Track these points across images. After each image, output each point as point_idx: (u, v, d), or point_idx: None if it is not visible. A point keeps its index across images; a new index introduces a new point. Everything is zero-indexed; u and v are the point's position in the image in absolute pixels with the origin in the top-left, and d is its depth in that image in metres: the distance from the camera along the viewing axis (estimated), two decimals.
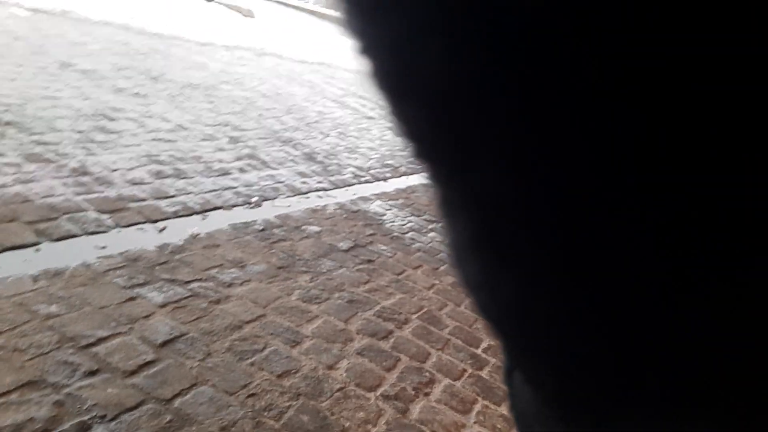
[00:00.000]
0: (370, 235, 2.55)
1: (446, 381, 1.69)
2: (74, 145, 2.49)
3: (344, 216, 2.70)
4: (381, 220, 2.76)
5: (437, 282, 2.29)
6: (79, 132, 2.65)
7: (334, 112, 5.05)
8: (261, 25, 9.75)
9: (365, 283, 2.08)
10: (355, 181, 3.29)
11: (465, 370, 1.77)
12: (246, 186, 2.70)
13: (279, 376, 1.45)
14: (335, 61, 8.40)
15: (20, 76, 3.16)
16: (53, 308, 1.43)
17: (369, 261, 2.27)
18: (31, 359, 1.25)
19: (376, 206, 2.93)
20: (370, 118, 5.33)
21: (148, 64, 4.59)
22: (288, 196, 2.76)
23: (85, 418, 1.14)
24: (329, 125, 4.52)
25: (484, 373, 1.79)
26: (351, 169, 3.49)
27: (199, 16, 8.33)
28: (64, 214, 1.91)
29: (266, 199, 2.63)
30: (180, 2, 8.88)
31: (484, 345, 1.93)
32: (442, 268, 2.41)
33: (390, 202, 3.09)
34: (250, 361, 1.47)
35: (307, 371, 1.51)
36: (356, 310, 1.87)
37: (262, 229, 2.28)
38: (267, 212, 2.49)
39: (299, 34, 10.26)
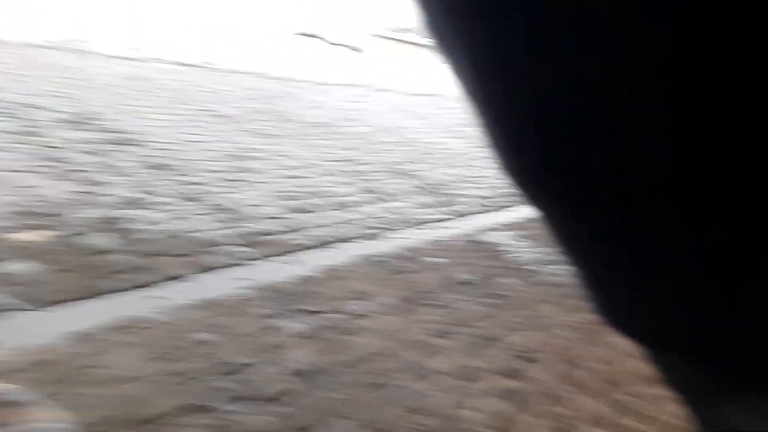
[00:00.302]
0: (494, 267, 2.48)
1: (584, 428, 1.57)
2: (217, 183, 2.73)
3: (467, 247, 2.67)
4: (504, 251, 2.69)
5: (569, 318, 2.16)
6: (221, 172, 2.91)
7: (449, 142, 5.07)
8: (369, 61, 10.17)
9: (491, 317, 2.02)
10: (475, 210, 3.26)
11: (605, 417, 1.63)
12: (370, 218, 2.77)
13: (411, 412, 1.44)
14: (445, 91, 8.49)
15: (170, 123, 3.56)
16: (204, 336, 1.55)
17: (494, 295, 2.21)
18: (187, 383, 1.36)
19: (498, 237, 2.86)
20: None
21: (276, 106, 4.96)
22: (410, 228, 2.79)
23: None
24: (445, 155, 4.54)
25: (626, 421, 1.64)
26: (470, 198, 3.46)
27: (313, 56, 8.89)
28: (212, 247, 2.09)
29: (389, 230, 2.69)
30: (293, 45, 9.56)
31: (626, 389, 1.78)
32: (573, 302, 2.28)
33: (512, 233, 3.01)
34: (381, 394, 1.48)
35: (436, 409, 1.48)
36: (483, 346, 1.82)
37: (387, 261, 2.32)
38: (391, 244, 2.53)
39: (407, 67, 10.52)
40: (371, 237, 2.58)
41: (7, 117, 2.91)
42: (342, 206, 2.85)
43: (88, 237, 1.94)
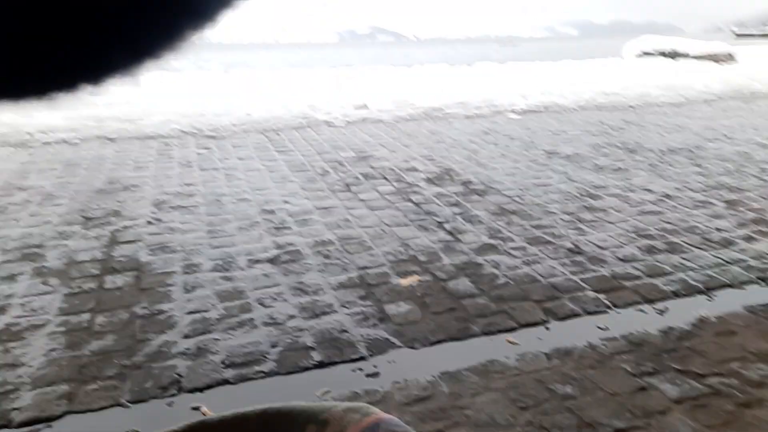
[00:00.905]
0: None
1: None
2: (565, 226, 2.67)
3: None
4: None
5: None
6: (569, 213, 2.83)
7: None
8: (743, 69, 8.51)
9: None
10: None
11: None
12: (757, 258, 2.24)
13: None
14: None
15: (517, 170, 3.70)
16: (568, 389, 1.47)
17: None
18: None
19: None
20: None
21: (624, 137, 4.62)
22: None
23: None
24: None
25: None
26: None
27: (667, 77, 7.98)
28: (565, 293, 2.02)
29: None
30: (644, 68, 8.79)
31: None
32: None
33: None
34: None
35: None
36: None
37: None
38: None
39: None
40: (762, 282, 2.06)
41: (393, 180, 3.53)
42: (717, 244, 2.39)
43: (453, 281, 2.13)
